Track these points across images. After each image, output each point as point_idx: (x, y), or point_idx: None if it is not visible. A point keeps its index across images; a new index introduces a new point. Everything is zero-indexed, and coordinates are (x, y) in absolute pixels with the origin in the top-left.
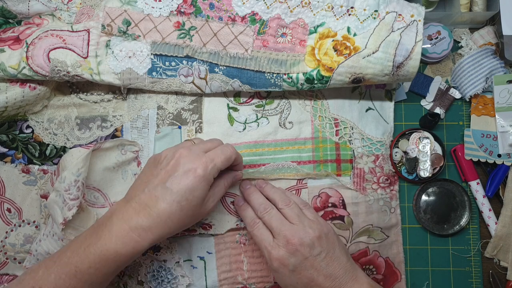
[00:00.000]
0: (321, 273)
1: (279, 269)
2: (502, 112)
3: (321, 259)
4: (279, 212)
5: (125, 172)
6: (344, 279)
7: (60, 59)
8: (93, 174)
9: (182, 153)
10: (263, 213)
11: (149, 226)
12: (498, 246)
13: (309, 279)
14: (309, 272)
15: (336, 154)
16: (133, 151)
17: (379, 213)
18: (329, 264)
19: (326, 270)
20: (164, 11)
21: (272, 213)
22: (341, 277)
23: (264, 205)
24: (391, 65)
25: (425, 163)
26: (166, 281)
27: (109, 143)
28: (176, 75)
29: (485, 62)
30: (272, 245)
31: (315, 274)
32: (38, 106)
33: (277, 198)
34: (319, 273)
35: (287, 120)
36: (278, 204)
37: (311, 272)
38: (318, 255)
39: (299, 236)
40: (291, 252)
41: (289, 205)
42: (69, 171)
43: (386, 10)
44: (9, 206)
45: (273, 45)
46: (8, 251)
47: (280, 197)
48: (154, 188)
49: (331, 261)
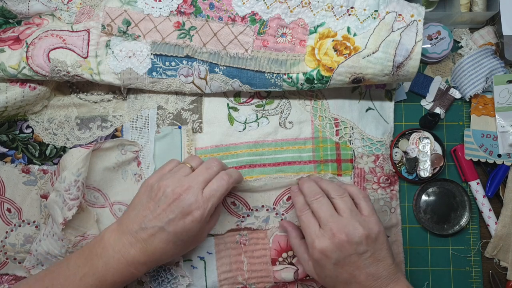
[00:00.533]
0: (364, 271)
1: (321, 260)
2: (502, 112)
3: (366, 258)
4: (330, 202)
5: (125, 172)
6: (386, 281)
7: (60, 59)
8: (93, 174)
9: (181, 193)
10: (312, 199)
11: (144, 261)
12: (498, 246)
13: (351, 275)
14: (351, 268)
15: (336, 154)
16: (133, 151)
17: (379, 213)
18: (372, 264)
19: (369, 269)
20: (164, 11)
21: (322, 201)
22: (383, 278)
23: (315, 192)
24: (391, 65)
25: (425, 163)
26: (166, 281)
27: (109, 143)
28: (176, 75)
29: (485, 62)
30: (317, 234)
31: (357, 271)
32: (38, 106)
33: (331, 188)
34: (361, 271)
35: (287, 120)
36: (331, 194)
37: (353, 269)
38: (363, 253)
39: (347, 231)
40: (336, 246)
41: (342, 196)
42: (69, 171)
43: (386, 10)
44: (9, 206)
45: (273, 45)
46: (8, 251)
47: (334, 187)
48: (151, 226)
49: (375, 262)
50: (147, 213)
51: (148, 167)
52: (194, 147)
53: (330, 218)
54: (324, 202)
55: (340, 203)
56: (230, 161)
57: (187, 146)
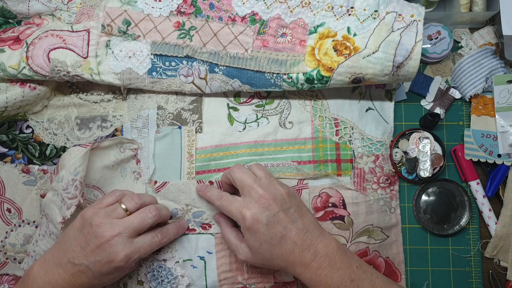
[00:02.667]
0: (293, 226)
1: (253, 226)
2: (502, 112)
3: (292, 213)
4: (249, 170)
5: (124, 170)
6: (315, 233)
7: (60, 59)
8: (92, 173)
9: (109, 239)
10: (234, 170)
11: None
12: (498, 246)
13: (282, 233)
14: (282, 225)
15: (336, 154)
16: (132, 149)
17: (379, 213)
18: (298, 218)
19: (297, 224)
20: (164, 11)
21: (243, 170)
22: (311, 231)
23: (235, 166)
24: (391, 65)
25: (425, 163)
26: (166, 281)
27: (107, 141)
28: (176, 75)
29: (485, 62)
30: (243, 204)
31: (287, 228)
32: (38, 106)
33: None
34: (292, 226)
35: (287, 120)
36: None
37: (283, 226)
38: (288, 209)
39: (271, 191)
40: (264, 207)
41: (257, 166)
42: (67, 170)
43: (386, 10)
44: (9, 206)
45: (273, 45)
46: (8, 251)
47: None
48: (79, 263)
49: (300, 216)
50: (77, 249)
51: (148, 167)
52: (194, 147)
53: (254, 183)
54: (245, 170)
55: (257, 170)
56: (230, 161)
57: (187, 146)
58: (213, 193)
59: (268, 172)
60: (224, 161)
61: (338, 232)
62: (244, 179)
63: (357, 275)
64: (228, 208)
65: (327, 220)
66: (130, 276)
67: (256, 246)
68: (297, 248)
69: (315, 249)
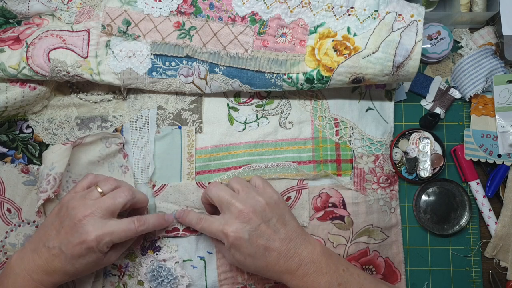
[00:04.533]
0: (276, 237)
1: (235, 242)
2: (502, 112)
3: (273, 224)
4: (226, 186)
5: (112, 164)
6: (298, 241)
7: (60, 59)
8: (78, 168)
9: (81, 219)
10: (210, 188)
11: (48, 279)
12: (498, 246)
13: (265, 245)
14: (264, 238)
15: (336, 154)
16: (117, 143)
17: (379, 213)
18: (281, 228)
19: (280, 234)
20: (164, 11)
21: (219, 186)
22: (295, 239)
23: (210, 184)
24: (391, 65)
25: (425, 163)
26: (166, 281)
27: (90, 137)
28: (176, 75)
29: (485, 62)
30: (223, 222)
31: (270, 239)
32: (38, 106)
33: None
34: (274, 238)
35: (287, 120)
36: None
37: (266, 238)
38: (269, 220)
39: (250, 204)
40: (245, 222)
41: (235, 180)
42: (45, 165)
43: (386, 10)
44: (9, 206)
45: (273, 45)
46: (8, 251)
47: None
48: (52, 246)
49: (283, 226)
50: (52, 233)
51: (148, 167)
52: (194, 147)
53: (232, 199)
54: (221, 187)
55: (234, 184)
56: (230, 161)
57: (187, 146)
58: (192, 218)
59: (246, 184)
60: (224, 161)
61: (338, 232)
62: (221, 196)
63: (344, 278)
64: (209, 230)
65: (327, 220)
66: (130, 276)
67: (241, 260)
68: (282, 258)
69: (300, 256)
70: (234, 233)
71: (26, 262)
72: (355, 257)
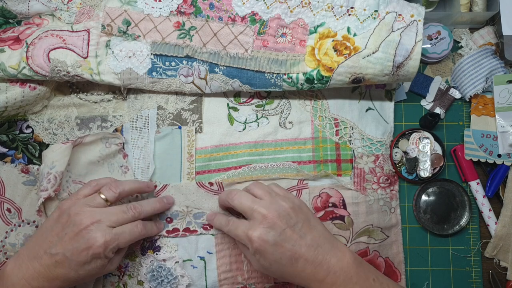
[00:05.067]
0: (302, 243)
1: (260, 247)
2: (502, 112)
3: (299, 228)
4: (247, 193)
5: (111, 165)
6: (326, 247)
7: (60, 59)
8: (78, 168)
9: (89, 225)
10: (231, 197)
11: (48, 285)
12: (498, 246)
13: (292, 251)
14: (290, 243)
15: (336, 154)
16: (117, 143)
17: (379, 213)
18: (307, 233)
19: (306, 239)
20: (164, 11)
21: (240, 194)
22: (323, 245)
23: (230, 191)
24: (391, 65)
25: (425, 163)
26: (166, 281)
27: (90, 137)
28: (176, 75)
29: (485, 62)
30: (248, 227)
31: (296, 245)
32: (38, 106)
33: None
34: (300, 243)
35: (287, 120)
36: (246, 188)
37: (292, 244)
38: (295, 225)
39: (274, 208)
40: (269, 226)
41: (255, 184)
42: (45, 164)
43: (386, 10)
44: (9, 206)
45: (273, 45)
46: (8, 251)
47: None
48: (55, 252)
49: (309, 230)
50: (54, 239)
51: (148, 167)
52: (194, 147)
53: (254, 205)
54: (243, 194)
55: (256, 190)
56: (230, 161)
57: (187, 146)
58: (221, 220)
59: (268, 189)
60: (224, 161)
61: (338, 232)
62: (243, 203)
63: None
64: (235, 233)
65: (327, 220)
66: (130, 276)
67: (266, 266)
68: (309, 265)
69: (328, 264)
70: (259, 238)
71: (24, 270)
72: None
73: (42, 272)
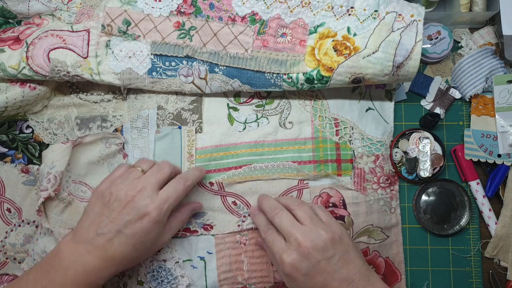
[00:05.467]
0: (336, 277)
1: (292, 274)
2: (502, 112)
3: (335, 262)
4: (290, 214)
5: (111, 165)
6: (360, 284)
7: (60, 59)
8: (78, 168)
9: (135, 195)
10: (273, 214)
11: (104, 267)
12: (498, 246)
13: (323, 283)
14: (323, 276)
15: (336, 154)
16: (117, 143)
17: (379, 213)
18: (343, 267)
19: (340, 273)
20: (164, 11)
21: (282, 214)
22: (357, 282)
23: (274, 207)
24: (391, 65)
25: (425, 163)
26: (166, 281)
27: (90, 137)
28: (176, 75)
29: (485, 62)
30: (283, 249)
31: (329, 278)
32: (38, 106)
33: (289, 201)
34: (333, 277)
35: (287, 120)
36: (290, 206)
37: (325, 276)
38: (331, 258)
39: (311, 238)
40: (304, 256)
41: (301, 206)
42: (45, 163)
43: (386, 10)
44: (9, 206)
45: (273, 45)
46: (8, 251)
47: (292, 200)
48: (107, 231)
49: (345, 265)
50: (102, 219)
51: None
52: (195, 147)
53: (292, 229)
54: (285, 215)
55: (300, 212)
56: (230, 161)
57: (187, 146)
58: (261, 223)
59: (311, 213)
60: (224, 161)
61: None
62: (283, 224)
63: None
64: (270, 245)
65: None
66: (130, 276)
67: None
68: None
69: None
70: (291, 265)
71: (77, 254)
72: None
73: (98, 253)
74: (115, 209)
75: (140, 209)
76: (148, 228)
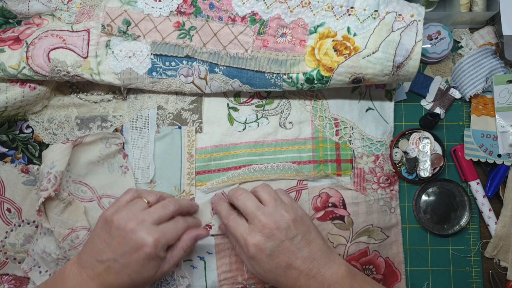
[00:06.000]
0: (299, 255)
1: (256, 255)
2: (502, 112)
3: (298, 241)
4: (253, 195)
5: (111, 165)
6: (322, 261)
7: (60, 59)
8: (78, 169)
9: (134, 227)
10: (236, 196)
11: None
12: (498, 246)
13: (287, 262)
14: (287, 255)
15: (336, 154)
16: (117, 143)
17: (379, 213)
18: (305, 246)
19: (303, 252)
20: (164, 11)
21: (246, 196)
22: (318, 259)
23: (239, 190)
24: (391, 65)
25: (425, 163)
26: (165, 282)
27: (90, 137)
28: (176, 75)
29: (485, 62)
30: (247, 231)
31: (292, 257)
32: (38, 106)
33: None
34: (297, 256)
35: (287, 120)
36: (255, 189)
37: (288, 256)
38: (294, 237)
39: (275, 219)
40: (268, 236)
41: (263, 189)
42: (45, 163)
43: (386, 10)
44: (9, 206)
45: (273, 45)
46: (8, 251)
47: (257, 185)
48: (106, 259)
49: (307, 244)
50: (103, 246)
51: (148, 167)
52: (194, 147)
53: (256, 211)
54: (249, 197)
55: (263, 194)
56: (230, 161)
57: (187, 146)
58: (223, 210)
59: (275, 195)
60: (224, 161)
61: (338, 232)
62: (247, 206)
63: None
64: (233, 230)
65: (327, 220)
66: None
67: (261, 274)
68: (303, 276)
69: (322, 277)
70: (255, 246)
71: (79, 278)
72: (355, 257)
73: (96, 280)
74: (115, 238)
75: (137, 241)
76: (143, 260)
